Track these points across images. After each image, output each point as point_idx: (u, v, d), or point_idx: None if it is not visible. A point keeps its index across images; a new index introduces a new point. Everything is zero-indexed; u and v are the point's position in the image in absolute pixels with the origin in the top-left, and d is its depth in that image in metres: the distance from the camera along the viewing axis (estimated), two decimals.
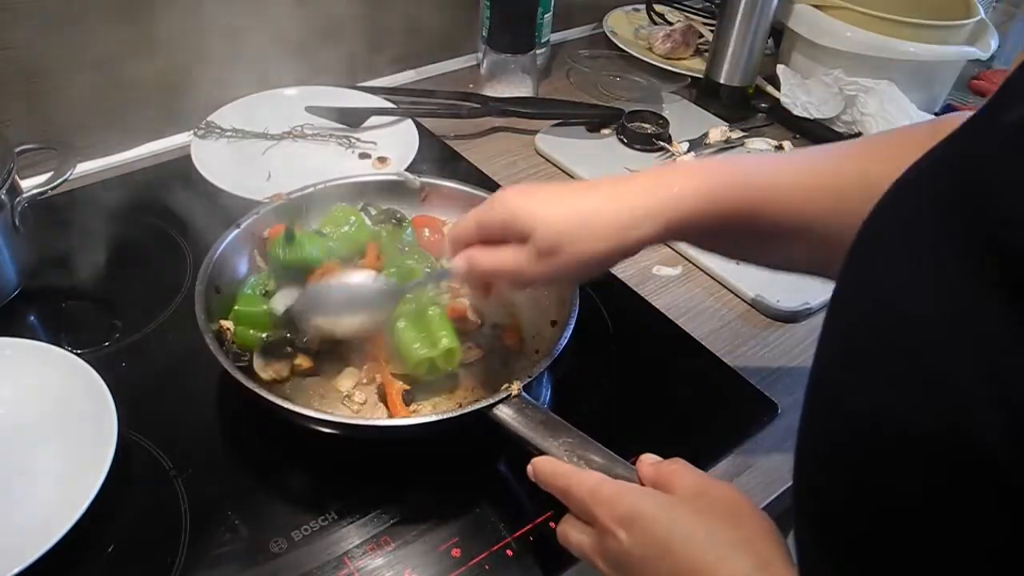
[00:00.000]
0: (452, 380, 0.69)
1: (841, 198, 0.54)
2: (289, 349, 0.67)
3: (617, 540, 0.47)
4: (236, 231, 0.74)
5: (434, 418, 0.60)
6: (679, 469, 0.51)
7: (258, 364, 0.67)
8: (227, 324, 0.69)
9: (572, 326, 0.66)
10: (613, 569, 0.48)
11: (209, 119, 0.97)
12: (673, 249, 0.89)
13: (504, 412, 0.60)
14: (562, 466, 0.54)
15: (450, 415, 0.60)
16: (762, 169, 0.57)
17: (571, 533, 0.52)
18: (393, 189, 0.82)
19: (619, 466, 0.54)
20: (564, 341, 0.65)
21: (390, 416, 0.65)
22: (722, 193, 0.55)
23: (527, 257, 0.56)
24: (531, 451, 0.57)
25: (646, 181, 0.56)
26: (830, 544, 0.38)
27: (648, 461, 0.53)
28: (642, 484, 0.52)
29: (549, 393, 0.72)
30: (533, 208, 0.56)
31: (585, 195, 0.57)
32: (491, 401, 0.60)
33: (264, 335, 0.68)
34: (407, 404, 0.66)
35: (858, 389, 0.35)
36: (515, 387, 0.61)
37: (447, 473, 0.64)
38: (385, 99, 1.04)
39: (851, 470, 0.35)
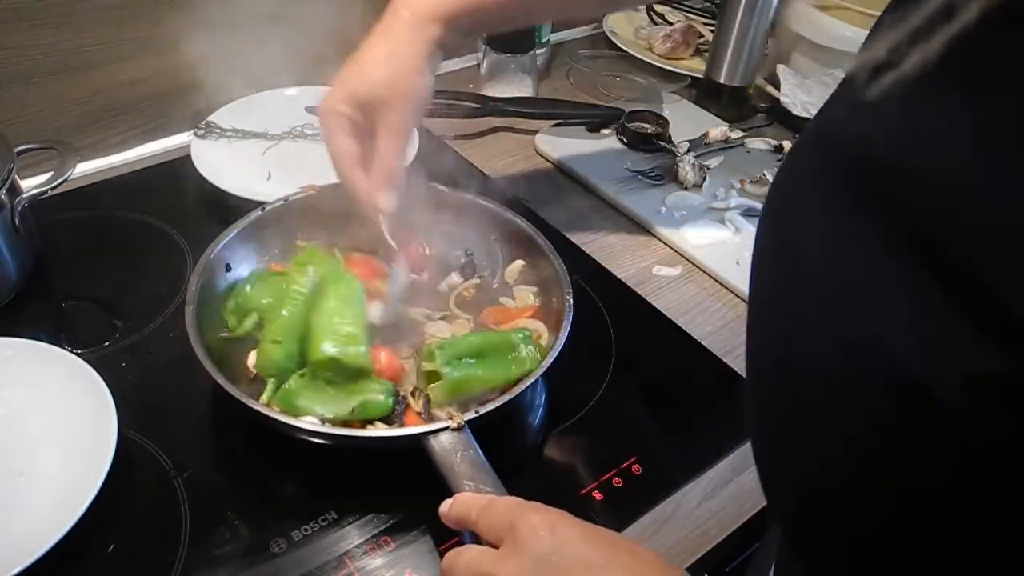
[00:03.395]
0: None
1: None
2: None
3: (540, 540, 0.44)
4: (248, 221, 0.74)
5: (369, 433, 0.60)
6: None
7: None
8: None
9: (549, 364, 0.63)
10: (532, 570, 0.44)
11: (209, 119, 0.97)
12: (673, 249, 0.89)
13: (438, 442, 0.57)
14: (481, 495, 0.52)
15: (384, 434, 0.60)
16: None
17: (464, 553, 0.47)
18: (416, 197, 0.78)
19: None
20: (540, 372, 0.63)
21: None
22: None
23: (397, 121, 0.67)
24: (448, 490, 0.55)
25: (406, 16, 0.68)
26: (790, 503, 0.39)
27: None
28: None
29: (544, 396, 0.72)
30: (360, 80, 0.68)
31: (379, 42, 0.69)
32: (431, 428, 0.58)
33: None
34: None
35: (787, 334, 0.37)
36: (457, 419, 0.58)
37: None
38: None
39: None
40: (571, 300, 0.68)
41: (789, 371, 0.37)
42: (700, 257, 0.87)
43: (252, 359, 0.67)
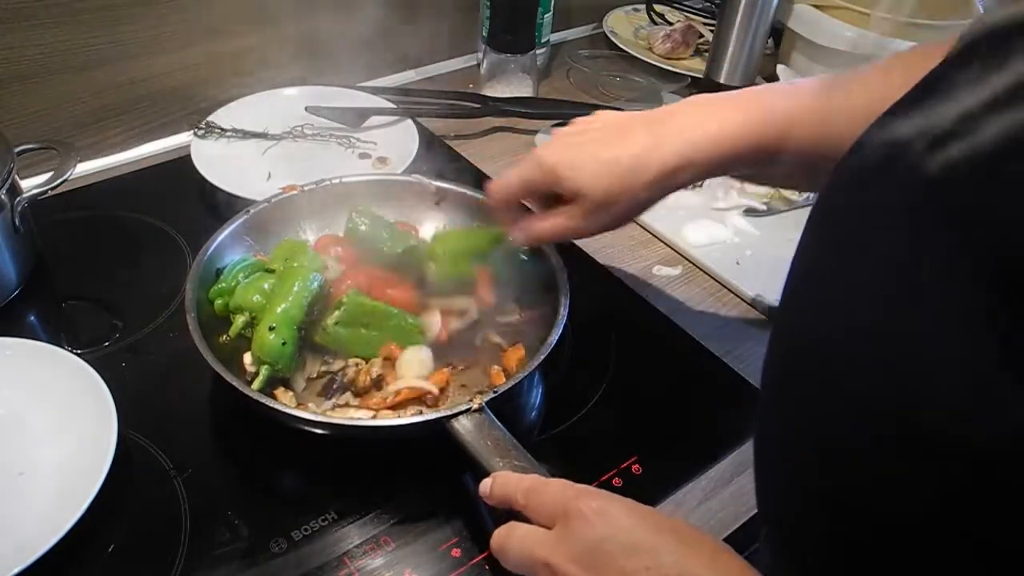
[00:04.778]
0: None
1: (852, 123, 0.56)
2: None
3: (591, 526, 0.45)
4: (235, 224, 0.74)
5: (390, 423, 0.61)
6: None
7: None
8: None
9: (555, 341, 0.64)
10: (573, 561, 0.45)
11: (209, 119, 0.97)
12: (673, 249, 0.89)
13: (461, 424, 0.58)
14: (523, 475, 0.53)
15: (404, 422, 0.60)
16: (786, 103, 0.60)
17: (516, 532, 0.49)
18: (407, 191, 0.81)
19: None
20: (545, 352, 0.63)
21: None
22: (753, 130, 0.58)
23: (581, 216, 0.61)
24: (479, 469, 0.56)
25: (684, 122, 0.60)
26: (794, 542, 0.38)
27: None
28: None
29: (541, 393, 0.72)
30: (576, 170, 0.60)
31: (624, 143, 0.60)
32: (451, 412, 0.58)
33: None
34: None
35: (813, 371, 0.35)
36: (477, 400, 0.59)
37: (447, 473, 0.64)
38: (385, 99, 1.04)
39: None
40: (566, 278, 0.69)
41: (795, 378, 0.37)
42: (700, 257, 0.87)
43: (248, 359, 0.67)
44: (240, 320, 0.68)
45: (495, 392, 0.60)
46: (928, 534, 0.31)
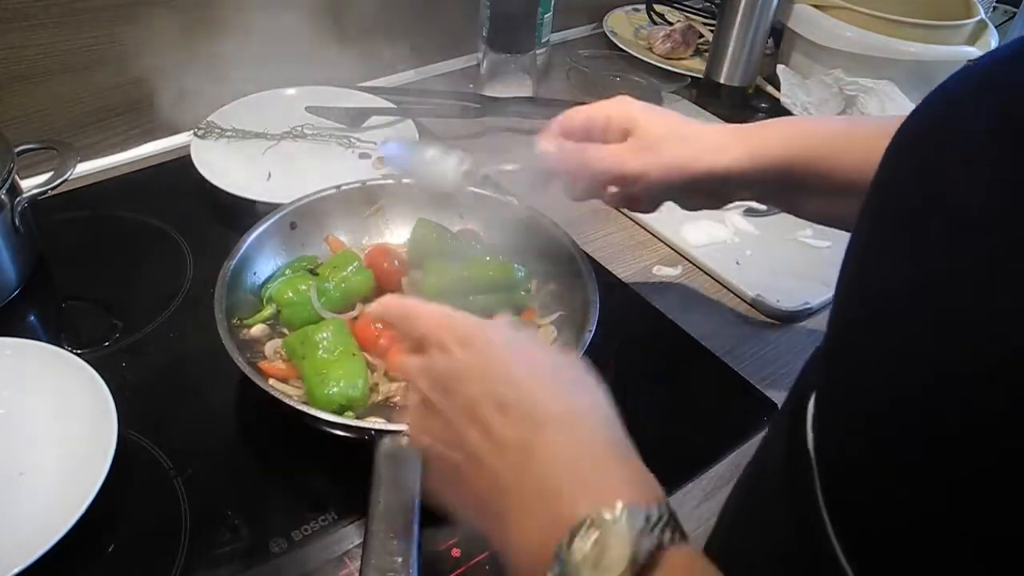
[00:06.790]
0: None
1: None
2: None
3: (449, 356, 0.45)
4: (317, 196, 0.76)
5: (322, 415, 0.59)
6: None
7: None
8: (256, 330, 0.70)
9: None
10: (433, 387, 0.45)
11: (209, 119, 0.97)
12: (673, 249, 0.89)
13: (388, 441, 0.56)
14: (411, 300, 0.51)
15: (338, 420, 0.59)
16: (834, 128, 0.66)
17: (399, 356, 0.48)
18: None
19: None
20: None
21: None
22: (800, 143, 0.63)
23: (628, 149, 0.65)
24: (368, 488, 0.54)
25: (738, 127, 0.67)
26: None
27: None
28: None
29: None
30: (637, 113, 0.66)
31: (683, 120, 0.67)
32: (387, 427, 0.57)
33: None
34: None
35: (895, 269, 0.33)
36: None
37: None
38: (385, 99, 1.04)
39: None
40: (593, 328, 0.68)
41: (857, 312, 0.35)
42: (700, 257, 0.87)
43: (271, 347, 0.69)
44: (267, 311, 0.70)
45: None
46: None
